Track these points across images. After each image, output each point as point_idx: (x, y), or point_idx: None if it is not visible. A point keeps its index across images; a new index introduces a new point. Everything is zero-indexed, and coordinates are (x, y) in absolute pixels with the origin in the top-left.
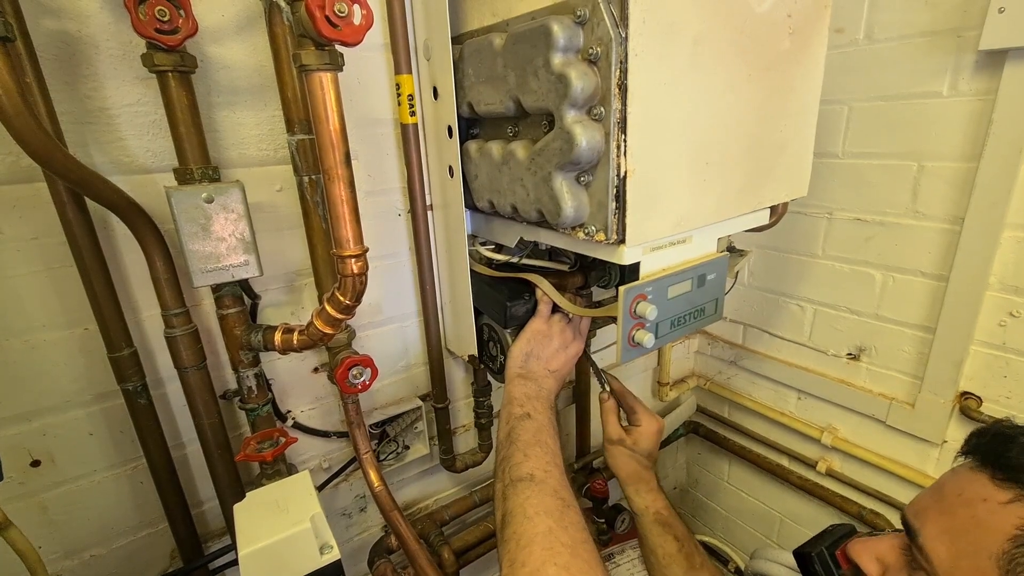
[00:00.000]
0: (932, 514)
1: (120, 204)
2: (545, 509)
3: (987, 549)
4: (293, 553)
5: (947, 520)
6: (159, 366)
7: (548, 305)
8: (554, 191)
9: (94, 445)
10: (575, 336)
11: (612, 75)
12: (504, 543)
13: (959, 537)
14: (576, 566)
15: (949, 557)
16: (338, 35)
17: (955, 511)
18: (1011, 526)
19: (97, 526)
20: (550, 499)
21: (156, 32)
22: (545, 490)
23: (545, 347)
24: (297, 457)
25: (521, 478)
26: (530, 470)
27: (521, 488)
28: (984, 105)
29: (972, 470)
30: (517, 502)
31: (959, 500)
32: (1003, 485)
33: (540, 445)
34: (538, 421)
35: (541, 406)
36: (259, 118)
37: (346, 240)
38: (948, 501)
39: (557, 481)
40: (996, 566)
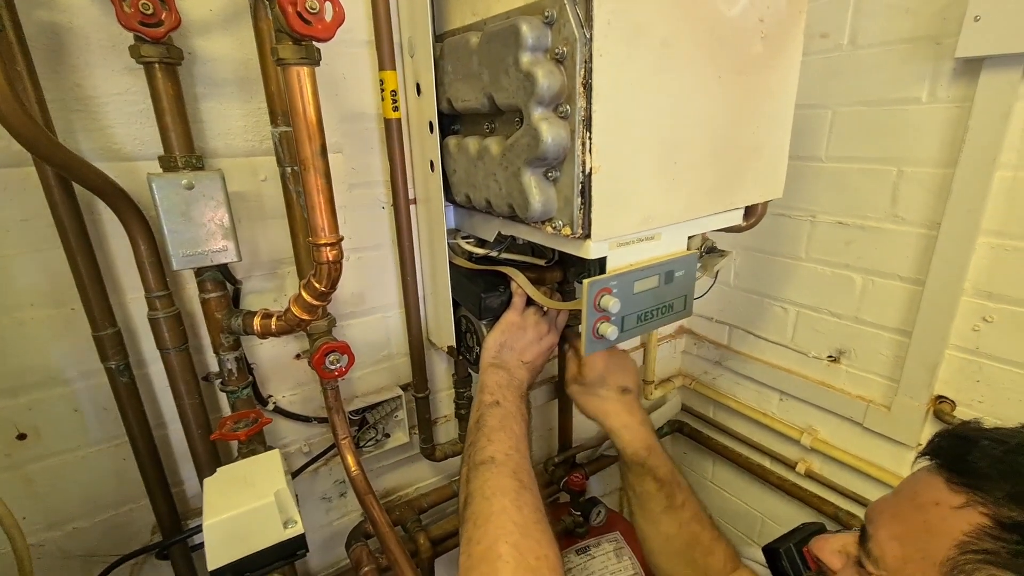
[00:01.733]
0: (886, 517)
1: (105, 189)
2: (501, 490)
3: (933, 555)
4: (256, 525)
5: (898, 524)
6: (142, 348)
7: (522, 298)
8: (523, 186)
9: (79, 421)
10: (550, 329)
11: (577, 74)
12: (463, 523)
13: (908, 541)
14: (526, 545)
15: (897, 561)
16: (310, 31)
17: (908, 515)
18: (959, 532)
19: (80, 499)
20: (508, 480)
21: (140, 25)
22: (504, 472)
23: (519, 339)
24: (278, 441)
25: (483, 461)
26: (492, 453)
27: (482, 471)
28: (961, 112)
29: (929, 472)
30: (477, 484)
31: (912, 504)
32: (957, 489)
33: (505, 430)
34: (506, 408)
35: (511, 395)
36: (245, 110)
37: (321, 228)
38: (902, 504)
39: (516, 464)
40: (940, 573)
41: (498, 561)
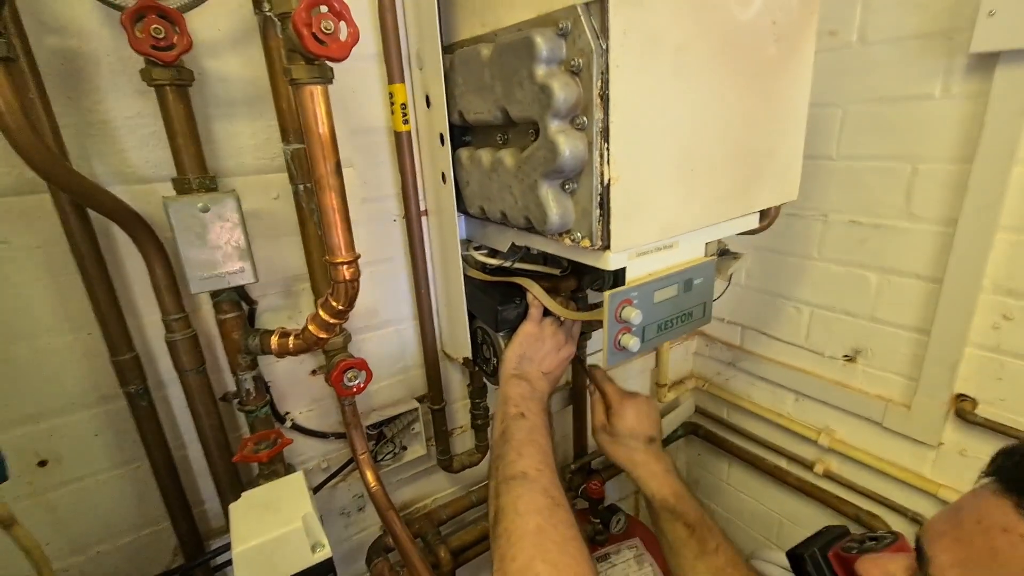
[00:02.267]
0: (947, 541)
1: (121, 214)
2: (536, 507)
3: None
4: (285, 551)
5: (962, 550)
6: (160, 369)
7: (539, 309)
8: (540, 199)
9: (99, 446)
10: (567, 339)
11: (594, 86)
12: (496, 539)
13: (973, 569)
14: (564, 563)
15: (951, 556)
16: (325, 51)
17: (972, 540)
18: None
19: (102, 523)
20: (541, 497)
21: (152, 49)
22: (536, 488)
23: (537, 349)
24: (296, 457)
25: (514, 476)
26: (523, 468)
27: (514, 486)
28: (976, 107)
29: (995, 494)
30: (509, 499)
31: (977, 528)
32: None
33: (533, 444)
34: (532, 421)
35: (535, 407)
36: (255, 128)
37: (338, 247)
38: (965, 528)
39: (548, 480)
40: None
41: None
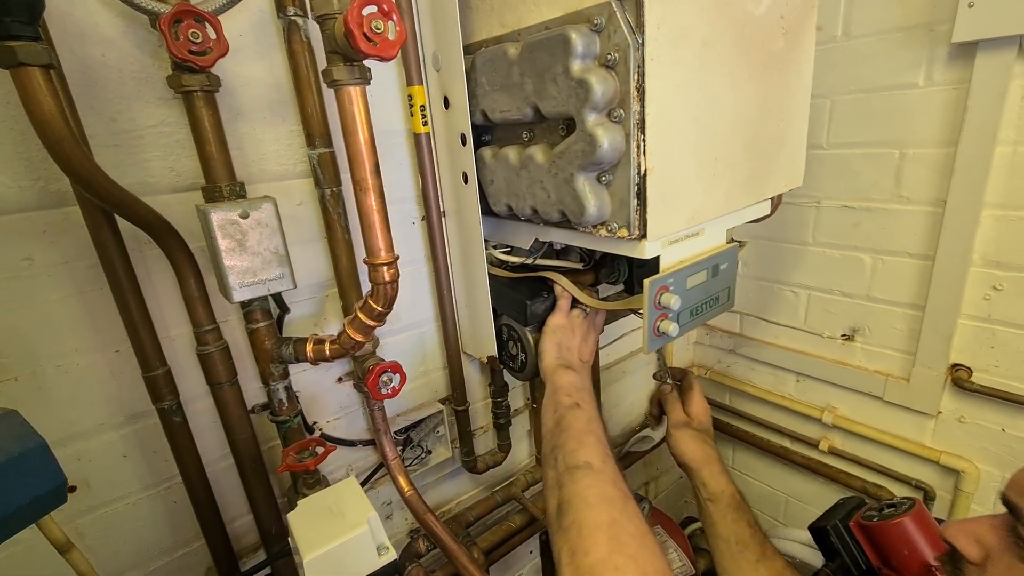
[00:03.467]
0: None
1: (155, 224)
2: (607, 498)
3: None
4: (353, 555)
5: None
6: (190, 384)
7: (567, 300)
8: (576, 191)
9: (128, 467)
10: (591, 329)
11: (631, 79)
12: (563, 531)
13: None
14: (644, 557)
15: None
16: (375, 50)
17: None
18: None
19: (133, 549)
20: (611, 488)
21: (190, 54)
22: (604, 479)
23: (571, 340)
24: (324, 467)
25: (578, 465)
26: (587, 458)
27: (579, 476)
28: (959, 94)
29: None
30: (575, 490)
31: None
32: None
33: (593, 434)
34: (588, 412)
35: (588, 396)
36: (277, 133)
37: (378, 248)
38: None
39: (614, 472)
40: None
41: (616, 573)
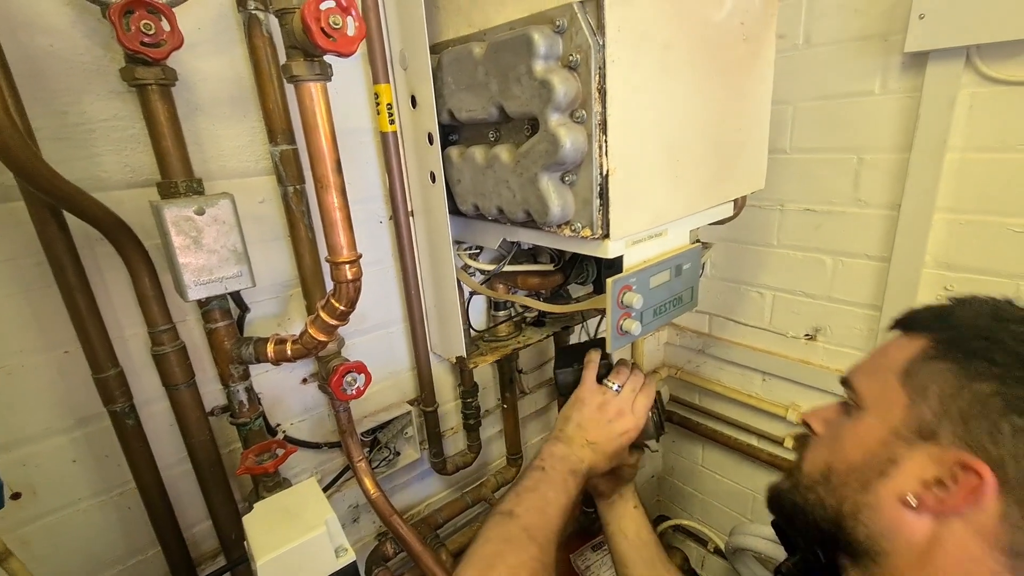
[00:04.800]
0: (859, 365)
1: (105, 220)
2: (507, 538)
3: (893, 367)
4: (310, 558)
5: (867, 363)
6: (145, 385)
7: (592, 371)
8: (541, 191)
9: (78, 472)
10: (622, 412)
11: (592, 80)
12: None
13: (874, 370)
14: None
15: (867, 384)
16: (333, 46)
17: (874, 356)
18: (912, 349)
19: (84, 557)
20: (515, 530)
21: (142, 45)
22: (514, 524)
23: (583, 415)
24: (289, 470)
25: (500, 511)
26: (512, 507)
27: (496, 520)
28: (911, 101)
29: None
30: (483, 529)
31: (878, 351)
32: (911, 335)
33: (535, 492)
34: (549, 476)
35: (560, 466)
36: (238, 129)
37: (340, 247)
38: (871, 355)
39: (529, 521)
40: (898, 380)
41: None
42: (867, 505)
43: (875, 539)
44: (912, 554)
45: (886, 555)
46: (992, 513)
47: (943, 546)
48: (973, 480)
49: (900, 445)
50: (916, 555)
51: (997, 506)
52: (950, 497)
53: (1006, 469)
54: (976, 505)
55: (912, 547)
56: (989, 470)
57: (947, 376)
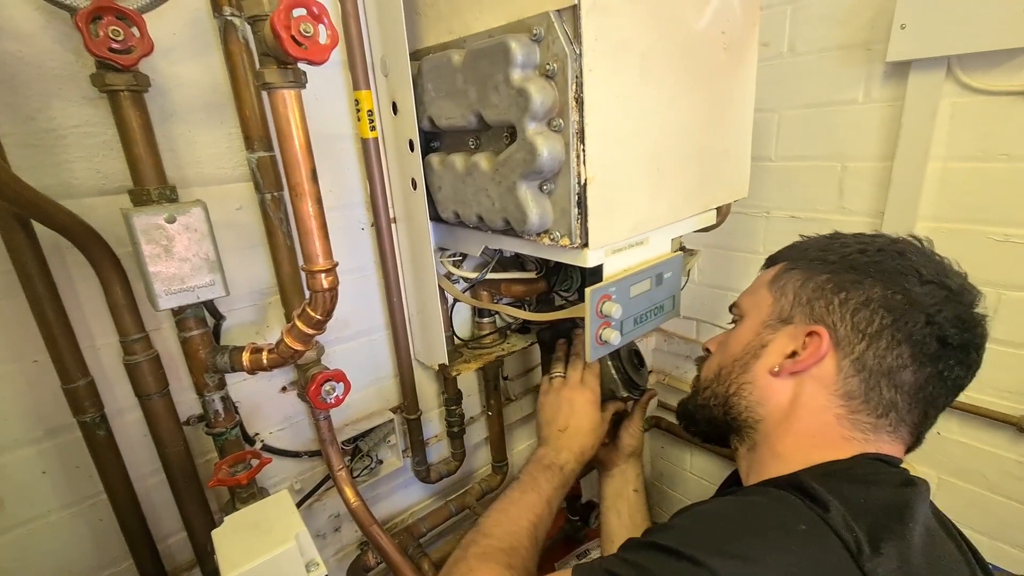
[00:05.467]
0: (742, 292)
1: (74, 228)
2: (473, 552)
3: (763, 284)
4: (280, 573)
5: (748, 288)
6: (117, 395)
7: (560, 361)
8: (519, 200)
9: (47, 484)
10: (574, 388)
11: (569, 89)
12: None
13: (752, 290)
14: None
15: (746, 299)
16: (304, 54)
17: (752, 283)
18: (776, 270)
19: (53, 570)
20: (477, 537)
21: (110, 52)
22: (478, 533)
23: (546, 412)
24: (268, 480)
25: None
26: (480, 519)
27: (467, 535)
28: (894, 110)
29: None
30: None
31: (755, 279)
32: (777, 263)
33: (503, 499)
34: (519, 480)
35: (533, 467)
36: (215, 136)
37: (315, 255)
38: (753, 285)
39: (491, 530)
40: (767, 288)
41: None
42: (747, 383)
43: (753, 408)
44: (780, 413)
45: (762, 420)
46: (830, 368)
47: (800, 400)
48: (816, 341)
49: (768, 332)
50: (782, 413)
51: (833, 362)
52: (802, 359)
53: (837, 330)
54: (820, 363)
55: (780, 407)
56: (826, 331)
57: (798, 276)
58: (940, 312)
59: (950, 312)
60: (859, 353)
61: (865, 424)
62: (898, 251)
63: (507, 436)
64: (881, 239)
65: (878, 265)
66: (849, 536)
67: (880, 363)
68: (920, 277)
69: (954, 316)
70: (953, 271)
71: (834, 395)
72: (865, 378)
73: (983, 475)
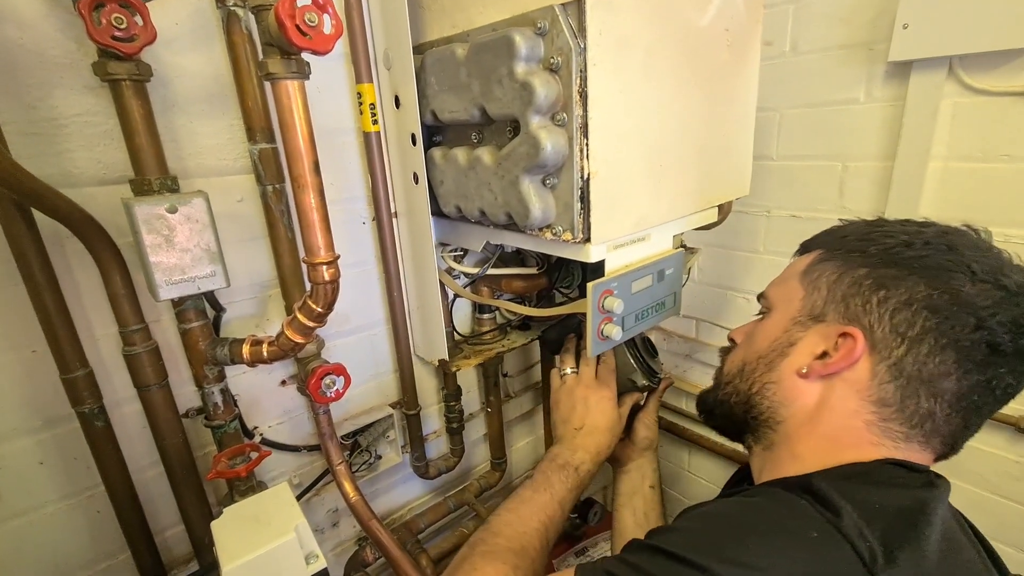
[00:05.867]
0: (772, 281)
1: (75, 217)
2: (479, 551)
3: (794, 274)
4: (279, 565)
5: (778, 277)
6: (116, 386)
7: (569, 360)
8: (522, 194)
9: (45, 475)
10: (589, 386)
11: (573, 83)
12: None
13: (782, 280)
14: None
15: (776, 290)
16: (309, 44)
17: (783, 272)
18: (810, 259)
19: (50, 562)
20: (487, 536)
21: (113, 40)
22: (486, 532)
23: (561, 410)
24: (266, 474)
25: (483, 526)
26: (489, 517)
27: (476, 533)
28: (895, 110)
29: (797, 256)
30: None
31: (787, 267)
32: (810, 250)
33: (514, 498)
34: (533, 479)
35: (547, 465)
36: (217, 127)
37: (317, 247)
38: (782, 275)
39: (500, 529)
40: (798, 280)
41: None
42: (771, 382)
43: (775, 408)
44: (804, 415)
45: (783, 422)
46: (864, 372)
47: (828, 404)
48: (850, 344)
49: (798, 329)
50: (807, 415)
51: (868, 365)
52: (833, 362)
53: (874, 332)
54: (852, 366)
55: (805, 410)
56: (861, 333)
57: (833, 269)
58: (994, 315)
59: (1005, 316)
60: (897, 358)
61: (897, 433)
62: (948, 244)
63: (506, 433)
64: (930, 229)
65: (924, 260)
66: (863, 545)
67: (920, 370)
68: (972, 275)
69: (1010, 320)
70: (1013, 267)
71: (866, 401)
72: (902, 385)
73: (982, 476)
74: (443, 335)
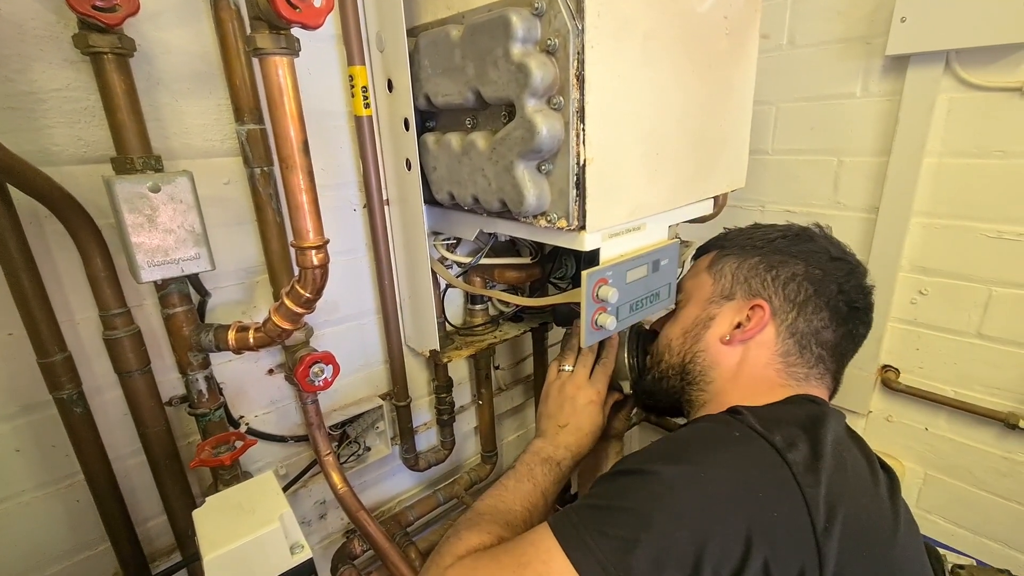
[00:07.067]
0: (681, 278)
1: (52, 195)
2: (465, 524)
3: (700, 270)
4: (263, 554)
5: (686, 275)
6: (96, 372)
7: (570, 356)
8: (516, 180)
9: (21, 462)
10: (580, 386)
11: (570, 65)
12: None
13: (691, 275)
14: None
15: (688, 284)
16: (299, 17)
17: (690, 271)
18: (710, 258)
19: (26, 552)
20: (474, 516)
21: (93, 9)
22: (473, 512)
23: (549, 405)
24: (252, 464)
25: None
26: (474, 503)
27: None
28: (892, 105)
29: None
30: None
31: (691, 268)
32: (707, 252)
33: (498, 486)
34: (515, 469)
35: (531, 458)
36: (203, 107)
37: (306, 231)
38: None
39: (487, 508)
40: (706, 272)
41: None
42: (700, 351)
43: (706, 371)
44: (730, 373)
45: (713, 381)
46: (770, 333)
47: (747, 361)
48: (760, 313)
49: (714, 307)
50: (732, 373)
51: (772, 328)
52: (749, 329)
53: (773, 302)
54: (762, 330)
55: (729, 369)
56: (766, 303)
57: (732, 260)
58: (848, 282)
59: (854, 282)
60: (792, 320)
61: (799, 373)
62: (808, 236)
63: (497, 426)
64: (794, 227)
65: (797, 247)
66: (774, 438)
67: (808, 326)
68: (829, 255)
69: (857, 285)
70: (849, 251)
71: (775, 355)
72: (798, 339)
73: (970, 471)
74: (434, 325)
